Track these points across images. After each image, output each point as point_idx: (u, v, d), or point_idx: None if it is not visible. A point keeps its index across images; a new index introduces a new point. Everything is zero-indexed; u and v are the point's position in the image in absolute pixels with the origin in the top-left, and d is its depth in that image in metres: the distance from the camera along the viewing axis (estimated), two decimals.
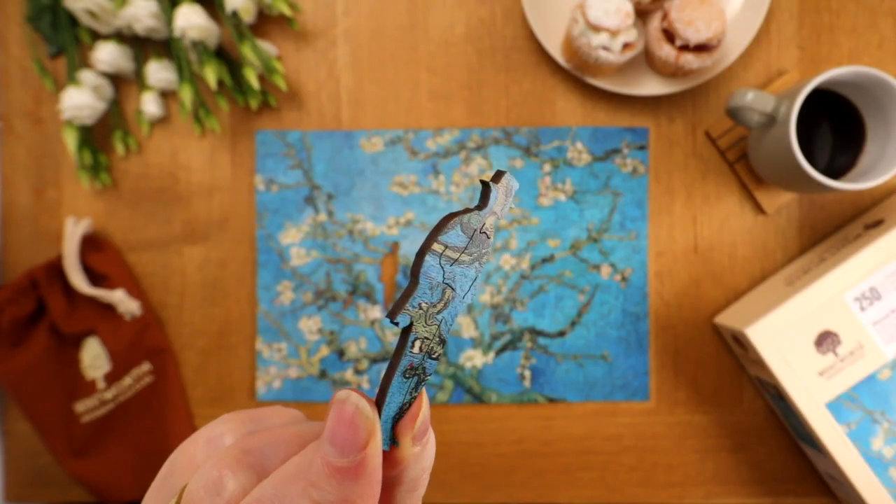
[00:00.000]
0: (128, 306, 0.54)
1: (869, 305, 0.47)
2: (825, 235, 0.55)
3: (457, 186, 0.56)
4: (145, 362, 0.55)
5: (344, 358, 0.56)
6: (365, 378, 0.56)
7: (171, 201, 0.57)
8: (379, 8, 0.56)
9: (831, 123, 0.50)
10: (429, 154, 0.56)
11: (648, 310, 0.55)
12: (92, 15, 0.52)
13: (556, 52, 0.53)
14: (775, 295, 0.50)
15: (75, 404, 0.54)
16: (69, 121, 0.53)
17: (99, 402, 0.54)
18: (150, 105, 0.55)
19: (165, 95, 0.56)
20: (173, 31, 0.51)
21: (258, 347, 0.56)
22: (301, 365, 0.56)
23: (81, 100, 0.52)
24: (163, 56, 0.55)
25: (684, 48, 0.49)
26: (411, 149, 0.56)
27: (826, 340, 0.47)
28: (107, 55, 0.53)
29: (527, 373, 0.56)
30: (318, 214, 0.56)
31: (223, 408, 0.57)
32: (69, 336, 0.54)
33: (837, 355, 0.47)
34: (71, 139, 0.53)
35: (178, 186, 0.57)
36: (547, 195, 0.56)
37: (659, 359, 0.56)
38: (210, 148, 0.57)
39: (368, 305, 0.56)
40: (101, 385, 0.54)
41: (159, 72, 0.54)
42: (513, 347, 0.56)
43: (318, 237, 0.56)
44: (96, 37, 0.55)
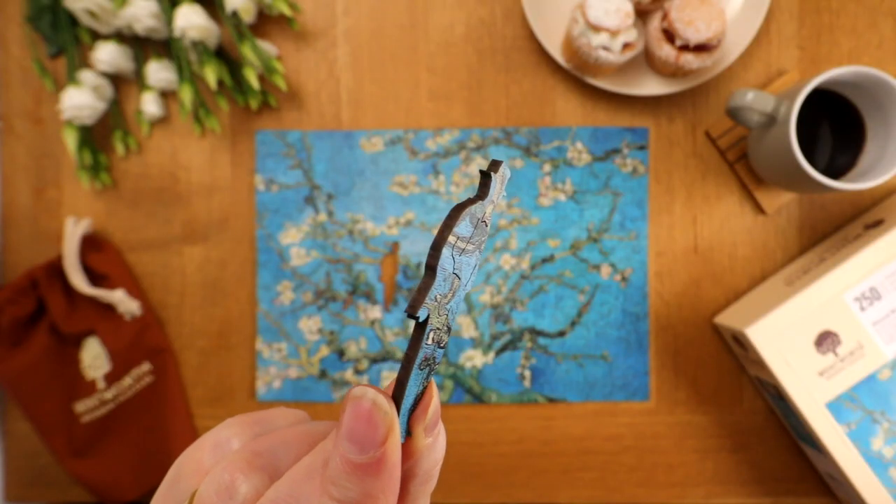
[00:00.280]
0: (128, 306, 0.54)
1: (869, 305, 0.47)
2: (825, 235, 0.55)
3: (457, 186, 0.56)
4: (145, 362, 0.55)
5: (344, 358, 0.56)
6: (365, 378, 0.56)
7: (171, 201, 0.57)
8: (379, 8, 0.56)
9: (831, 123, 0.50)
10: (429, 154, 0.56)
11: (648, 310, 0.55)
12: (92, 15, 0.52)
13: (556, 52, 0.53)
14: (775, 295, 0.50)
15: (75, 404, 0.54)
16: (69, 121, 0.53)
17: (99, 402, 0.54)
18: (150, 105, 0.55)
19: (165, 95, 0.56)
20: (173, 31, 0.51)
21: (258, 347, 0.56)
22: (301, 365, 0.56)
23: (81, 100, 0.52)
24: (163, 56, 0.55)
25: (684, 48, 0.49)
26: (411, 149, 0.56)
27: (826, 340, 0.47)
28: (107, 55, 0.53)
29: (527, 373, 0.56)
30: (318, 214, 0.56)
31: (223, 408, 0.57)
32: (69, 336, 0.54)
33: (837, 355, 0.47)
34: (71, 139, 0.53)
35: (178, 186, 0.57)
36: (547, 195, 0.56)
37: (659, 359, 0.56)
38: (210, 148, 0.57)
39: (368, 305, 0.56)
40: (101, 385, 0.54)
41: (159, 72, 0.54)
42: (513, 347, 0.56)
43: (318, 237, 0.56)
44: (96, 37, 0.55)
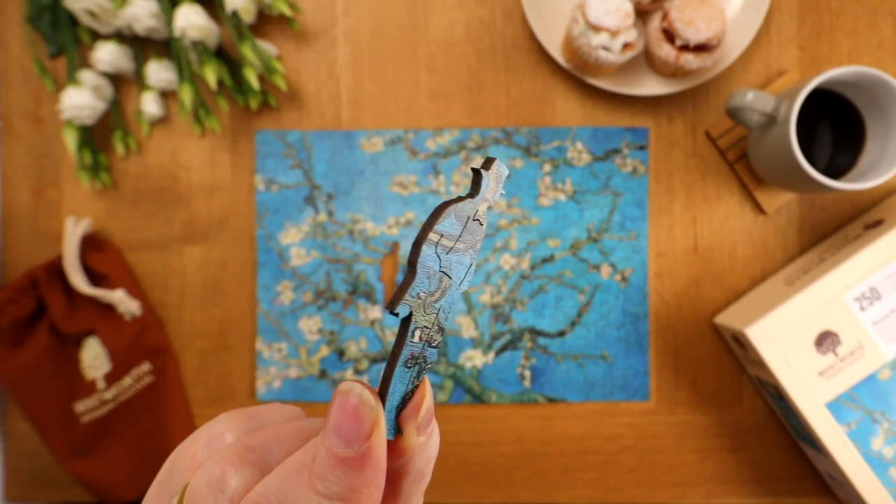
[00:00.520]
0: (128, 306, 0.54)
1: (869, 305, 0.47)
2: (825, 235, 0.55)
3: (457, 186, 0.56)
4: (145, 362, 0.55)
5: (344, 358, 0.56)
6: (365, 378, 0.56)
7: (171, 201, 0.57)
8: (379, 8, 0.56)
9: (831, 123, 0.50)
10: (429, 154, 0.56)
11: (648, 310, 0.55)
12: (92, 15, 0.52)
13: (556, 52, 0.53)
14: (775, 295, 0.50)
15: (75, 404, 0.54)
16: (69, 121, 0.53)
17: (99, 402, 0.54)
18: (150, 105, 0.54)
19: (165, 95, 0.56)
20: (173, 31, 0.51)
21: (258, 347, 0.56)
22: (301, 365, 0.56)
23: (81, 100, 0.52)
24: (163, 56, 0.55)
25: (684, 48, 0.49)
26: (411, 149, 0.56)
27: (826, 340, 0.47)
28: (107, 55, 0.53)
29: (527, 373, 0.56)
30: (318, 214, 0.56)
31: (223, 408, 0.56)
32: (69, 336, 0.54)
33: (837, 355, 0.47)
34: (71, 139, 0.53)
35: (178, 186, 0.57)
36: (547, 195, 0.56)
37: (659, 359, 0.56)
38: (210, 148, 0.57)
39: (368, 305, 0.56)
40: (101, 385, 0.54)
41: (159, 72, 0.54)
42: (513, 347, 0.56)
43: (318, 237, 0.56)
44: (96, 37, 0.55)
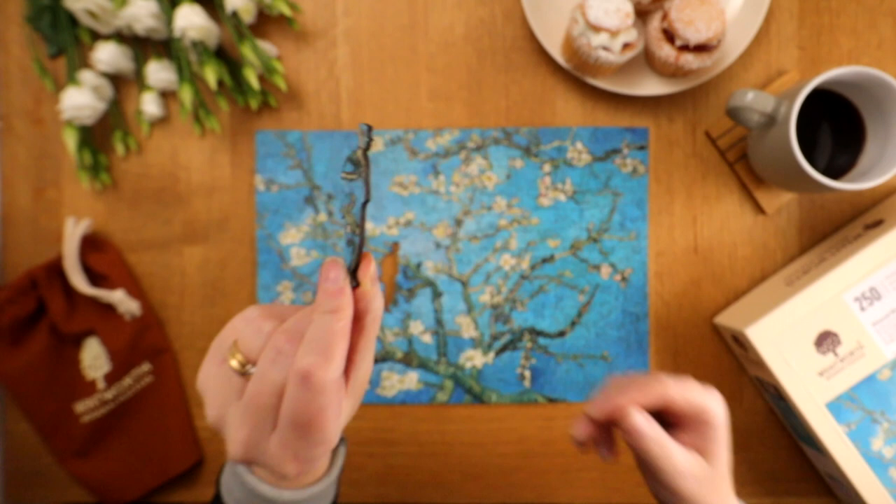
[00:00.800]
0: (128, 306, 0.54)
1: (869, 305, 0.47)
2: (825, 235, 0.55)
3: (457, 186, 0.56)
4: (145, 362, 0.55)
5: None
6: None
7: (171, 201, 0.57)
8: (379, 8, 0.56)
9: (831, 123, 0.50)
10: (429, 154, 0.56)
11: (648, 310, 0.55)
12: (92, 15, 0.52)
13: (556, 53, 0.53)
14: (775, 295, 0.50)
15: (75, 404, 0.54)
16: (69, 121, 0.53)
17: (99, 403, 0.54)
18: (150, 105, 0.54)
19: (165, 95, 0.56)
20: (173, 31, 0.50)
21: None
22: None
23: (81, 100, 0.52)
24: (163, 56, 0.54)
25: (684, 48, 0.49)
26: (411, 149, 0.56)
27: (826, 340, 0.47)
28: (107, 55, 0.53)
29: (527, 373, 0.56)
30: (319, 215, 0.56)
31: None
32: (69, 336, 0.54)
33: (837, 355, 0.47)
34: (71, 139, 0.53)
35: (178, 186, 0.57)
36: (547, 195, 0.56)
37: (659, 359, 0.56)
38: (210, 148, 0.57)
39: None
40: (101, 385, 0.54)
41: (159, 72, 0.54)
42: (513, 347, 0.56)
43: (319, 237, 0.56)
44: (96, 37, 0.55)
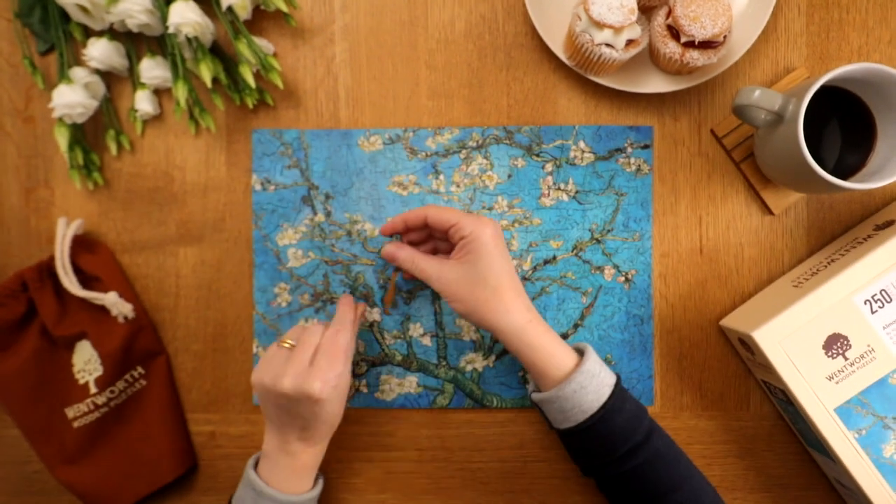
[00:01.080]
0: (121, 309, 0.53)
1: (879, 308, 0.46)
2: (834, 236, 0.54)
3: (457, 186, 0.55)
4: (139, 366, 0.54)
5: None
6: (363, 382, 0.55)
7: (166, 201, 0.56)
8: (378, 4, 0.55)
9: (840, 121, 0.49)
10: (428, 153, 0.55)
11: (653, 312, 0.54)
12: (83, 10, 0.51)
13: (559, 49, 0.52)
14: (783, 297, 0.49)
15: (67, 409, 0.53)
16: (60, 119, 0.52)
17: (91, 407, 0.53)
18: (144, 103, 0.54)
19: (159, 93, 0.55)
20: (167, 28, 0.49)
21: (255, 350, 0.55)
22: None
23: (73, 98, 0.51)
24: (157, 53, 0.54)
25: (689, 45, 0.48)
26: (411, 148, 0.55)
27: (835, 344, 0.46)
28: (99, 52, 0.52)
29: (529, 376, 0.54)
30: (316, 215, 0.55)
31: (218, 412, 0.56)
32: (60, 339, 0.53)
33: (847, 359, 0.46)
34: (62, 138, 0.52)
35: (173, 186, 0.56)
36: (549, 195, 0.55)
37: (663, 362, 0.55)
38: (205, 147, 0.56)
39: (367, 308, 0.55)
40: (94, 389, 0.53)
41: (153, 69, 0.53)
42: None
43: (316, 238, 0.55)
44: (88, 33, 0.54)
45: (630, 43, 0.49)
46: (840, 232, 0.54)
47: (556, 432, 0.48)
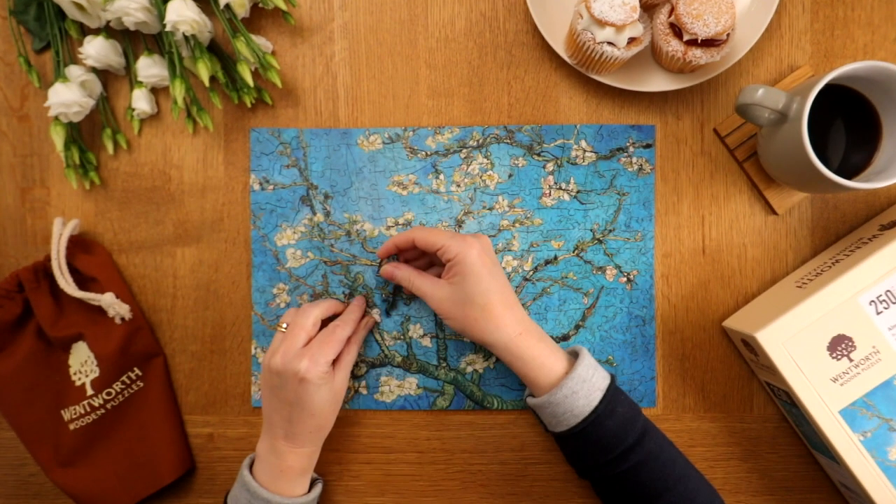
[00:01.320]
0: (117, 310, 0.52)
1: (885, 309, 0.46)
2: (838, 236, 0.54)
3: (457, 186, 0.54)
4: (136, 368, 0.54)
5: None
6: (363, 383, 0.55)
7: (163, 201, 0.55)
8: (377, 2, 0.55)
9: (845, 120, 0.48)
10: (428, 153, 0.54)
11: (655, 313, 0.54)
12: (79, 8, 0.51)
13: (560, 48, 0.52)
14: (787, 298, 0.49)
15: (63, 411, 0.53)
16: (56, 118, 0.52)
17: (87, 409, 0.53)
18: (141, 102, 0.53)
19: (156, 92, 0.55)
20: (164, 26, 0.49)
21: (253, 352, 0.55)
22: None
23: (69, 96, 0.50)
24: (154, 51, 0.53)
25: (692, 43, 0.47)
26: (410, 147, 0.54)
27: (840, 345, 0.46)
28: (95, 50, 0.51)
29: None
30: (315, 215, 0.55)
31: (216, 414, 0.55)
32: (57, 340, 0.52)
33: (852, 360, 0.46)
34: (58, 137, 0.52)
35: (170, 186, 0.55)
36: (550, 195, 0.54)
37: (666, 363, 0.54)
38: (203, 146, 0.55)
39: (367, 308, 0.54)
40: (90, 391, 0.53)
41: (150, 67, 0.52)
42: None
43: (315, 238, 0.55)
44: (84, 31, 0.54)
45: (632, 41, 0.48)
46: (845, 232, 0.53)
47: (552, 435, 0.48)
